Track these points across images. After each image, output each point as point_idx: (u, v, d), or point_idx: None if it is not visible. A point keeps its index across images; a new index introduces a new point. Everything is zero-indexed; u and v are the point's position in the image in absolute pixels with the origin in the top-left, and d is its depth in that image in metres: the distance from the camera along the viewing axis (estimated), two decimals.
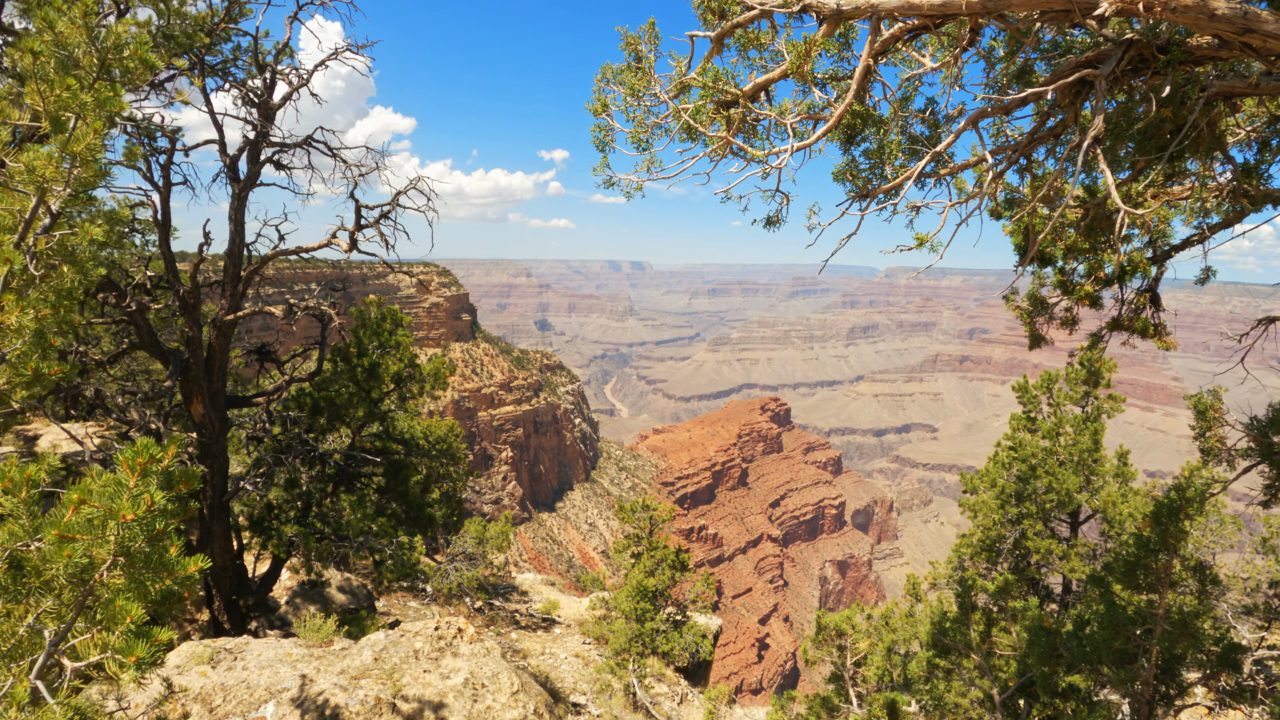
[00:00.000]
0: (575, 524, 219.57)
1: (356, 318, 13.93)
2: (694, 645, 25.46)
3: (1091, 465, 14.93)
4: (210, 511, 13.08)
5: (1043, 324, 6.95)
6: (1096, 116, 4.36)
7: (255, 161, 12.65)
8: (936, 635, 12.32)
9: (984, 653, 11.07)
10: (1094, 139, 4.32)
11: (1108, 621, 8.14)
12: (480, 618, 26.77)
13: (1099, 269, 6.03)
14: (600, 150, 5.38)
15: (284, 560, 13.49)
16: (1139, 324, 6.14)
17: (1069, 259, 6.12)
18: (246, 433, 13.19)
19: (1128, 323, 6.24)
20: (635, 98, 5.16)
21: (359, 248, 11.56)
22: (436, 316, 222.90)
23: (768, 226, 5.41)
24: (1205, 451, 6.30)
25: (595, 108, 5.43)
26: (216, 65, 13.68)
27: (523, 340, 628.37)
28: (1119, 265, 5.87)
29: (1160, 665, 8.22)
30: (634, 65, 5.17)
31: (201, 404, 12.45)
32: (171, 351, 12.18)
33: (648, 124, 5.17)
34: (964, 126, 4.97)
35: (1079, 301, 6.21)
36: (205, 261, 11.77)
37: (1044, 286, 6.88)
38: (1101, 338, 6.60)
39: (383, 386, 13.29)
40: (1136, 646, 8.15)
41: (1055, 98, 4.81)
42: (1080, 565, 14.97)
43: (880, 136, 5.25)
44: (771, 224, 5.41)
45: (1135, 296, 6.32)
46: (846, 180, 5.33)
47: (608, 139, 5.42)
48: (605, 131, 5.39)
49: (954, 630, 11.94)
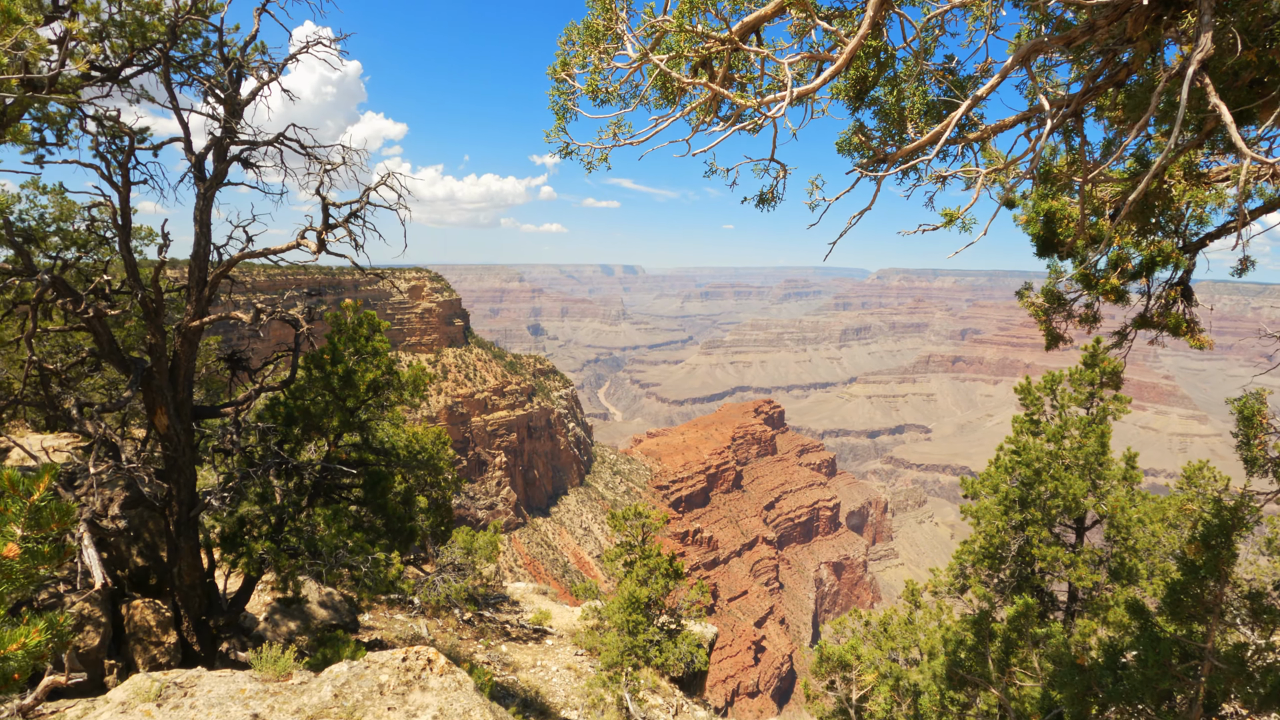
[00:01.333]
0: (570, 529, 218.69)
1: (332, 323, 13.29)
2: (689, 655, 24.84)
3: (1098, 469, 14.38)
4: (177, 528, 12.42)
5: (1060, 322, 6.38)
6: (1203, 35, 3.61)
7: (222, 160, 12.02)
8: (951, 666, 11.64)
9: (1003, 685, 10.47)
10: (1200, 64, 3.58)
11: (1152, 659, 7.41)
12: (470, 630, 26.08)
13: (1125, 260, 5.45)
14: (560, 116, 4.71)
15: (256, 579, 12.83)
16: (1170, 320, 5.56)
17: (1092, 250, 5.54)
18: (214, 444, 12.53)
19: (1157, 319, 5.67)
20: (595, 41, 4.47)
21: (328, 249, 10.93)
22: (429, 322, 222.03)
23: (761, 205, 4.78)
24: (1249, 461, 5.71)
25: (555, 70, 4.76)
26: (184, 61, 13.08)
27: (516, 345, 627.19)
28: (1148, 255, 5.30)
29: (1205, 703, 7.62)
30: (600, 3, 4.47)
31: (166, 415, 11.80)
32: (134, 360, 11.53)
33: (612, 80, 4.51)
34: (1011, 64, 4.29)
35: (1103, 296, 5.64)
36: (166, 265, 11.12)
37: (1060, 281, 6.32)
38: (1126, 335, 6.05)
39: (359, 395, 12.65)
40: (1181, 684, 7.47)
41: (1127, 27, 4.11)
42: (1088, 573, 14.43)
43: (896, 91, 4.59)
44: (766, 202, 4.78)
45: (1165, 290, 5.76)
46: (853, 151, 4.68)
47: (569, 104, 4.75)
48: (566, 96, 4.73)
49: (970, 660, 11.29)
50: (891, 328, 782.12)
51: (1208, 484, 22.30)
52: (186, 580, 12.74)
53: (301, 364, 12.86)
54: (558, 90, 4.69)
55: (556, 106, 4.71)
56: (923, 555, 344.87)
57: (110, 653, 12.43)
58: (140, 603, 12.55)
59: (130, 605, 12.67)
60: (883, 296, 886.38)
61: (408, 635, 22.92)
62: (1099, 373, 14.51)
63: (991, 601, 17.35)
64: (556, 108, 4.70)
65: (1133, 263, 5.44)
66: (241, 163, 12.15)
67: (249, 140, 12.20)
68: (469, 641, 24.88)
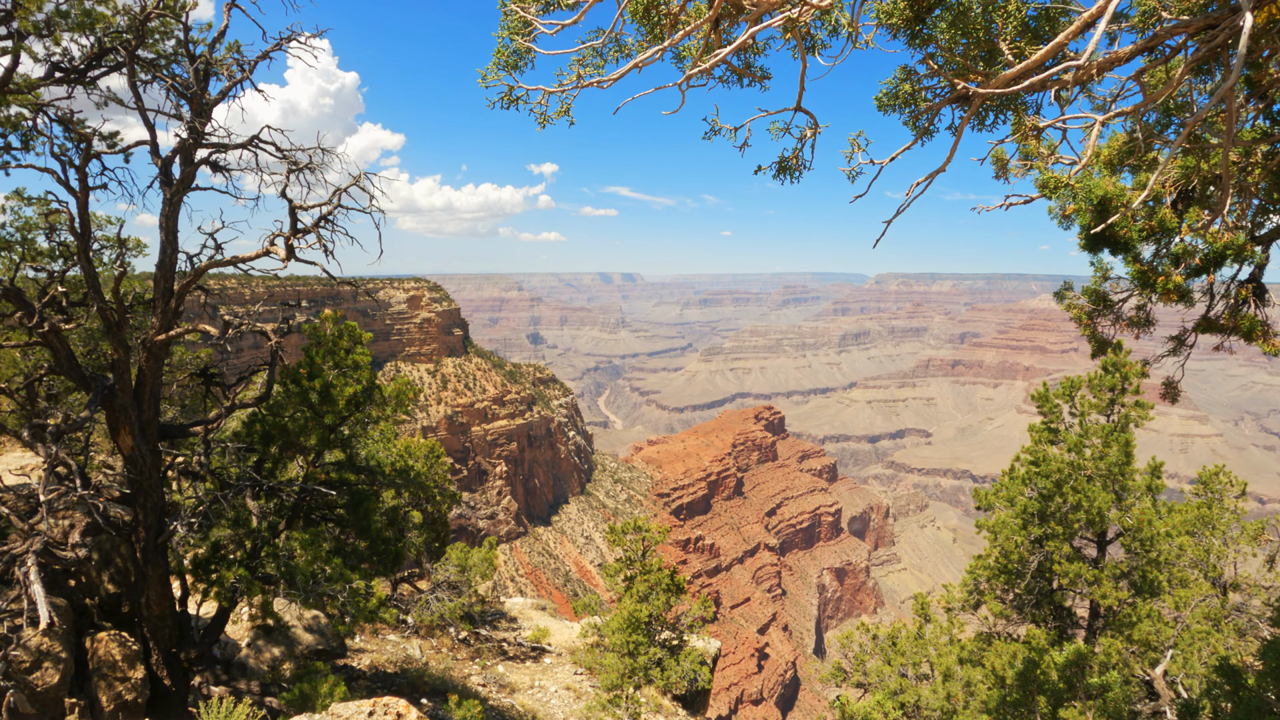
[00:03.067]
0: (571, 538, 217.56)
1: (310, 335, 12.55)
2: (692, 673, 24.01)
3: (1122, 480, 13.60)
4: (143, 555, 11.64)
5: (1106, 326, 5.63)
6: None
7: (189, 163, 11.29)
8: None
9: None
10: None
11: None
12: (465, 649, 25.24)
13: (1191, 254, 4.70)
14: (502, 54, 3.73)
15: (229, 609, 12.04)
16: (1243, 322, 4.81)
17: (1151, 241, 4.80)
18: (183, 466, 11.75)
19: (1226, 321, 4.91)
20: None
21: (297, 256, 10.19)
22: (428, 332, 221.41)
23: (781, 175, 3.95)
24: None
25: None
26: (154, 61, 12.39)
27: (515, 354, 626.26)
28: (1219, 248, 4.54)
29: None
30: None
31: (130, 435, 11.04)
32: (95, 376, 10.78)
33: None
34: None
35: (1162, 296, 4.89)
36: (126, 275, 10.38)
37: (1106, 280, 5.58)
38: (1184, 341, 5.30)
39: (338, 411, 11.89)
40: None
41: None
42: (1112, 590, 13.64)
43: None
44: (787, 171, 3.95)
45: (1235, 288, 5.02)
46: (901, 106, 3.78)
47: (520, 41, 3.78)
48: (517, 29, 3.78)
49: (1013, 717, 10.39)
50: (890, 332, 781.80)
51: (1225, 489, 21.54)
52: (155, 611, 11.96)
53: (278, 378, 12.11)
54: (506, 25, 3.77)
55: (502, 38, 3.78)
56: (925, 560, 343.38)
57: (73, 689, 11.63)
58: (105, 635, 11.75)
59: (94, 638, 11.87)
60: (881, 301, 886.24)
61: (399, 658, 22.08)
62: (1120, 377, 13.74)
63: (1009, 618, 16.55)
64: (501, 40, 3.77)
65: (1199, 257, 4.71)
66: (210, 166, 11.43)
67: (218, 143, 11.48)
68: (464, 662, 24.04)
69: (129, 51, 11.43)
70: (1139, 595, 15.80)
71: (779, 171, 3.88)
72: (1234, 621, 19.58)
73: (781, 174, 3.88)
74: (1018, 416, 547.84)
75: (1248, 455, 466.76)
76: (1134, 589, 15.84)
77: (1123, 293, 5.59)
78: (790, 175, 3.89)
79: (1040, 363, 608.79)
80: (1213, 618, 17.43)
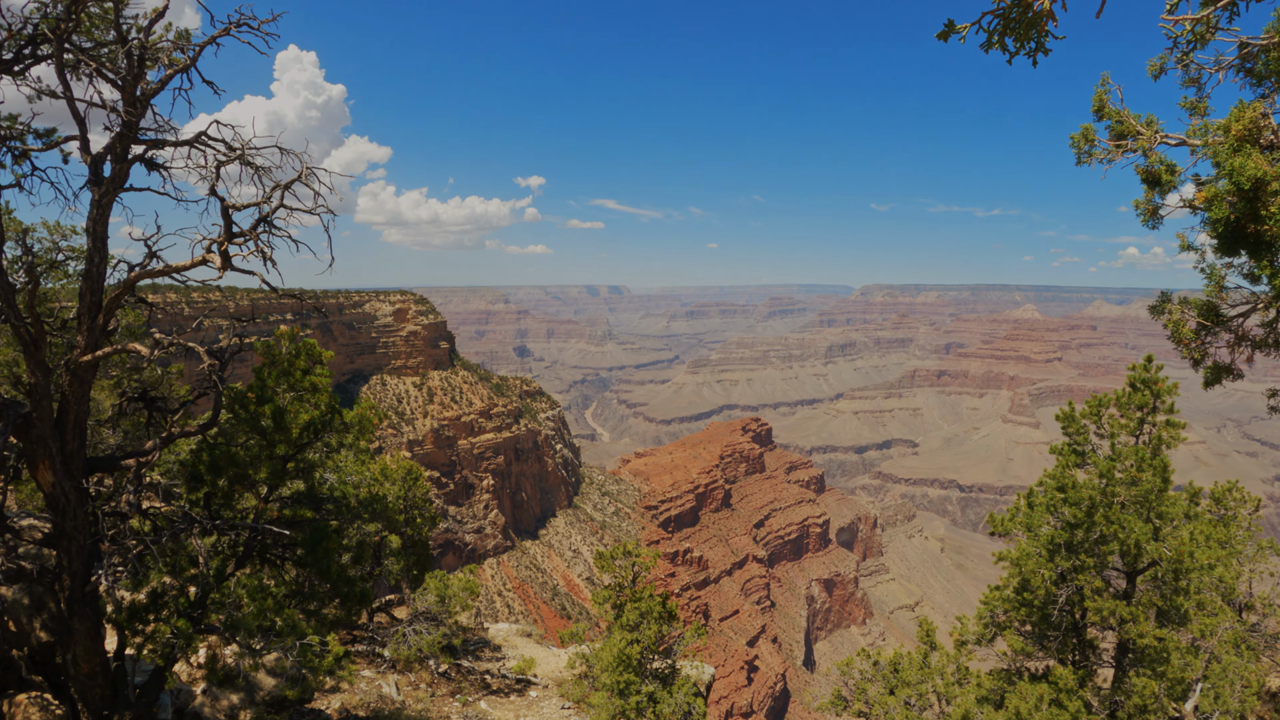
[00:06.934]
0: (559, 551, 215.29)
1: (264, 353, 11.22)
2: (686, 706, 22.66)
3: (1159, 507, 12.48)
4: (69, 606, 10.24)
5: (1218, 347, 4.51)
6: None
7: (121, 160, 10.00)
8: None
9: None
10: None
11: None
12: (445, 684, 23.76)
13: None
14: None
15: (166, 667, 10.64)
16: None
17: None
18: (110, 505, 10.36)
19: None
20: None
21: (234, 265, 8.91)
22: (414, 345, 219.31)
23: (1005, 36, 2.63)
24: None
25: None
26: (90, 49, 11.12)
27: (502, 367, 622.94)
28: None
29: None
30: None
31: (51, 470, 9.67)
32: (7, 403, 9.42)
33: None
34: None
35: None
36: (39, 288, 9.07)
37: (1222, 289, 4.45)
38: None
39: (291, 439, 10.57)
40: None
41: None
42: (1149, 629, 12.50)
43: None
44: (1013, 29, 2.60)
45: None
46: None
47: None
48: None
49: None
50: (876, 343, 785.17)
51: (1238, 505, 20.57)
52: (83, 669, 10.53)
53: (224, 404, 10.77)
54: None
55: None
56: (914, 570, 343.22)
57: None
58: (24, 698, 10.33)
59: (13, 701, 10.45)
60: (866, 312, 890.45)
61: (373, 698, 20.58)
62: (1151, 395, 12.67)
63: (1029, 654, 15.38)
64: None
65: None
66: (145, 164, 10.14)
67: (155, 140, 10.20)
68: (443, 699, 22.56)
69: (58, 36, 10.18)
70: (1166, 626, 14.70)
71: (1003, 28, 2.50)
72: (1249, 642, 18.55)
73: (1006, 34, 2.54)
74: (1003, 426, 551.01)
75: (1230, 462, 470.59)
76: (1160, 618, 14.74)
77: (1238, 307, 4.48)
78: (1027, 35, 2.52)
79: (1025, 372, 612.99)
80: (1233, 642, 16.40)
